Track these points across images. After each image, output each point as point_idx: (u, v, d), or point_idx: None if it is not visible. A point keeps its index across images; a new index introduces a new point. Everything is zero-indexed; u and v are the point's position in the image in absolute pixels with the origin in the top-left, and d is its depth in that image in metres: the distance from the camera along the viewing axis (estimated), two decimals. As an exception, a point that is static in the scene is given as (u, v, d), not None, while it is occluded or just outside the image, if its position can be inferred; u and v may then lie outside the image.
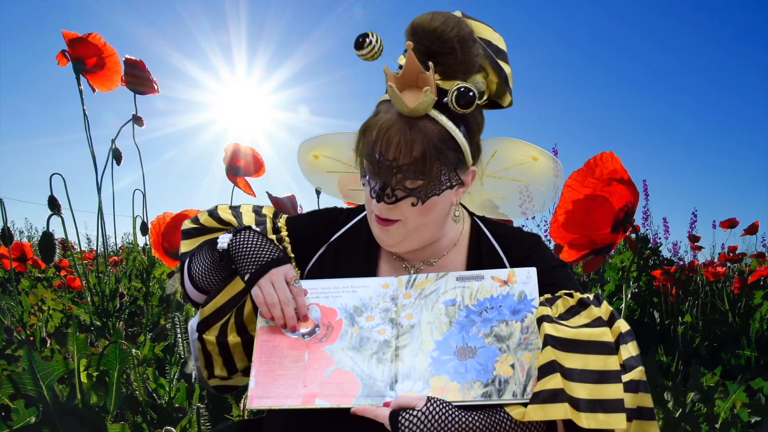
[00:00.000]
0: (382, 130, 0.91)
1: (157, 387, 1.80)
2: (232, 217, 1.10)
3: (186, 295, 1.14)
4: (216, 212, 1.11)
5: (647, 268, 3.44)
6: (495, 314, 0.94)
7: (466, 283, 0.98)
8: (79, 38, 1.98)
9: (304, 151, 1.23)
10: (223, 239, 1.01)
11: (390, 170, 0.92)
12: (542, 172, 1.16)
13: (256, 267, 0.97)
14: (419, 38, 0.92)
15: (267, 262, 0.98)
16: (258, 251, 0.99)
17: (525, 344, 0.90)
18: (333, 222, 1.13)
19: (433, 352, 0.92)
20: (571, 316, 0.93)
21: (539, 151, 1.14)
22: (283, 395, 0.92)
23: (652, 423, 0.84)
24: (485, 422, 0.84)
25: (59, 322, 2.46)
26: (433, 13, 0.94)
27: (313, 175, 1.26)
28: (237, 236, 1.01)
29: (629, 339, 0.89)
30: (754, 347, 3.09)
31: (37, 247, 2.45)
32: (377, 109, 0.97)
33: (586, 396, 0.81)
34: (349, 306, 0.99)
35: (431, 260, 1.07)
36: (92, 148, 2.10)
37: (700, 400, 1.77)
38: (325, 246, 1.10)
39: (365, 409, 0.88)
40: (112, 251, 5.54)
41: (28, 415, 1.31)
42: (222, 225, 1.11)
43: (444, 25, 0.92)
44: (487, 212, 1.23)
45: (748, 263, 5.58)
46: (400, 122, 0.91)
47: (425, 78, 0.91)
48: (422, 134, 0.91)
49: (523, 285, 0.96)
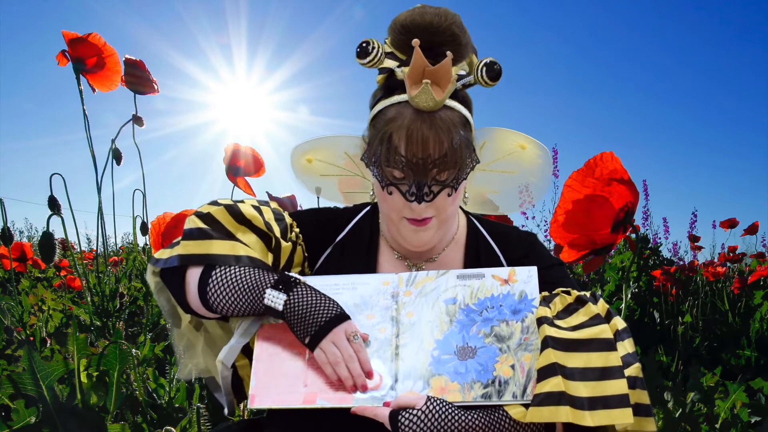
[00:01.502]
0: (411, 131, 0.92)
1: (157, 387, 1.80)
2: (258, 215, 1.02)
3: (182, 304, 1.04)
4: (237, 208, 1.02)
5: (647, 268, 3.44)
6: (495, 314, 0.94)
7: (467, 281, 0.98)
8: (79, 38, 1.98)
9: (297, 155, 1.22)
10: (276, 299, 0.93)
11: (425, 168, 0.93)
12: (532, 161, 1.16)
13: (316, 329, 0.91)
14: (417, 35, 0.92)
15: (326, 323, 0.91)
16: (315, 311, 0.92)
17: (525, 345, 0.90)
18: (336, 221, 1.13)
19: (434, 351, 0.92)
20: (569, 314, 0.93)
21: (526, 139, 1.14)
22: (284, 394, 0.91)
23: (649, 419, 0.84)
24: (485, 421, 0.84)
25: (59, 322, 2.46)
26: (417, 9, 0.96)
27: (307, 178, 1.26)
28: (291, 296, 0.93)
29: (626, 336, 0.90)
30: (754, 347, 3.09)
31: (37, 247, 2.45)
32: (386, 115, 0.95)
33: (589, 394, 0.81)
34: (349, 303, 0.98)
35: (433, 257, 1.08)
36: (92, 148, 2.11)
37: (700, 400, 1.77)
38: (331, 246, 1.10)
39: (365, 409, 0.88)
40: (112, 251, 5.54)
41: (28, 415, 1.31)
42: (240, 224, 1.02)
43: (437, 17, 0.93)
44: (482, 209, 1.23)
45: (748, 263, 5.58)
46: (423, 118, 0.92)
47: (433, 71, 0.91)
48: (448, 124, 0.92)
49: (524, 284, 0.96)
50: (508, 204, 1.24)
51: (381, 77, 1.01)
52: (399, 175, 0.95)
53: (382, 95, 0.99)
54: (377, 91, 1.02)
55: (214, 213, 1.02)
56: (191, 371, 1.11)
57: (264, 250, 1.03)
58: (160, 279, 1.07)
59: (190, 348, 1.11)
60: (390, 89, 0.98)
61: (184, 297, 1.02)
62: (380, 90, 1.01)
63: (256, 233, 1.02)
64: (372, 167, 0.98)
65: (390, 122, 0.94)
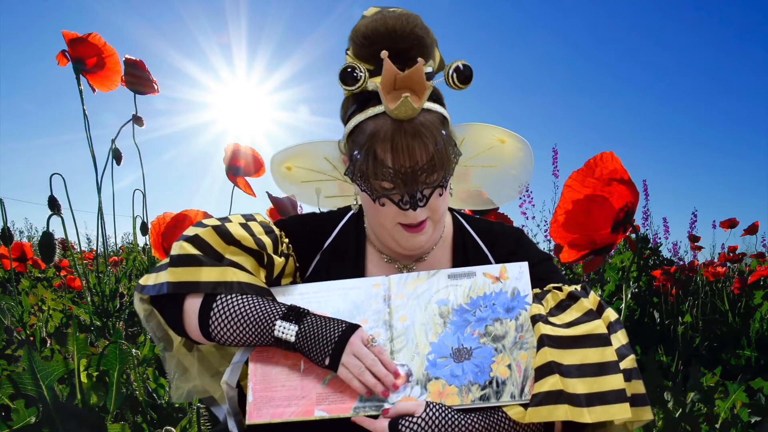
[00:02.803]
0: (395, 144, 0.90)
1: (157, 387, 1.80)
2: (247, 234, 1.00)
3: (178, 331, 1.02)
4: (226, 228, 0.99)
5: (647, 268, 3.43)
6: (489, 312, 0.93)
7: (458, 281, 0.97)
8: (79, 38, 1.98)
9: (277, 164, 1.21)
10: (287, 330, 0.91)
11: (415, 175, 0.92)
12: (512, 154, 1.16)
13: (332, 347, 0.89)
14: (382, 44, 0.91)
15: (340, 337, 0.90)
16: (326, 331, 0.91)
17: (520, 343, 0.90)
18: (322, 227, 1.12)
19: (429, 354, 0.91)
20: (562, 311, 0.93)
21: (506, 132, 1.14)
22: (281, 408, 0.91)
23: (645, 408, 0.85)
24: (484, 424, 0.84)
25: (59, 322, 2.45)
26: (376, 17, 0.94)
27: (287, 185, 1.25)
28: (302, 326, 0.91)
29: (618, 327, 0.90)
30: (754, 347, 3.09)
31: (37, 247, 2.44)
32: (365, 129, 0.94)
33: (586, 391, 0.82)
34: (341, 309, 0.97)
35: (422, 257, 1.08)
36: (92, 148, 2.10)
37: (700, 400, 1.77)
38: (319, 254, 1.09)
39: (363, 421, 0.88)
40: (112, 251, 5.54)
41: (28, 415, 1.31)
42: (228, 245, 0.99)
43: (399, 22, 0.92)
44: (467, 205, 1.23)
45: (748, 263, 5.58)
46: (404, 128, 0.91)
47: (405, 78, 0.90)
48: (430, 128, 0.92)
49: (516, 281, 0.95)
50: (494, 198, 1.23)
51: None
52: (389, 185, 0.94)
53: (356, 108, 0.97)
54: (347, 103, 1.00)
55: (202, 235, 0.98)
56: (184, 394, 1.08)
57: (256, 267, 1.00)
58: (149, 305, 1.04)
59: (185, 372, 1.09)
60: (363, 101, 0.96)
61: (181, 326, 0.99)
62: (351, 102, 0.99)
63: (246, 252, 1.00)
64: (359, 182, 0.97)
65: (372, 137, 0.92)
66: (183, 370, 1.09)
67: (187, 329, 0.99)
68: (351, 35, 0.96)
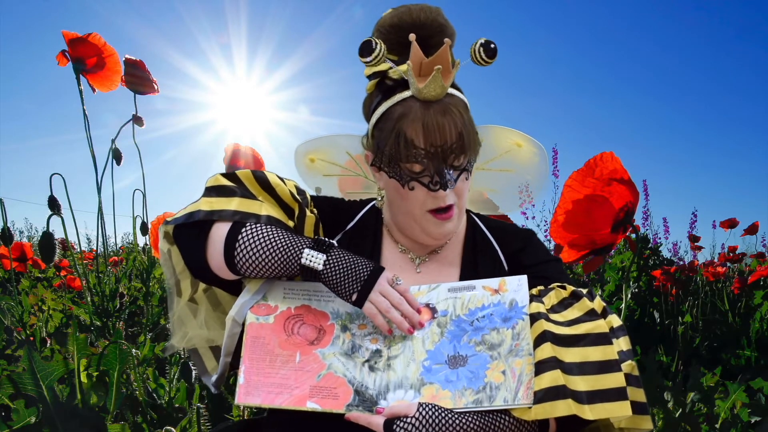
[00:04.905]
0: (426, 122, 0.94)
1: (157, 387, 1.80)
2: (283, 185, 1.02)
3: (197, 266, 1.01)
4: (263, 174, 1.02)
5: (647, 268, 3.44)
6: (486, 322, 0.94)
7: (458, 293, 0.98)
8: (79, 38, 1.98)
9: (301, 155, 1.24)
10: (315, 258, 0.93)
11: (444, 155, 0.95)
12: (528, 159, 1.18)
13: (361, 283, 0.92)
14: (409, 32, 0.95)
15: (370, 275, 0.92)
16: (356, 267, 0.93)
17: (516, 350, 0.90)
18: (347, 211, 1.14)
19: (425, 361, 0.92)
20: (564, 308, 0.94)
21: (522, 136, 1.16)
22: (273, 394, 0.91)
23: (645, 417, 0.84)
24: (479, 422, 0.84)
25: (59, 322, 2.46)
26: (401, 9, 0.99)
27: (310, 178, 1.27)
28: (330, 256, 0.93)
29: (621, 334, 0.90)
30: (754, 347, 3.09)
31: (37, 247, 2.44)
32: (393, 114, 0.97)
33: (587, 388, 0.82)
34: (341, 312, 0.98)
35: (435, 249, 1.09)
36: (92, 148, 2.10)
37: (700, 400, 1.77)
38: (341, 234, 1.11)
39: (359, 416, 0.88)
40: (112, 251, 5.54)
41: (28, 415, 1.31)
42: (264, 190, 1.02)
43: (423, 12, 0.98)
44: (482, 208, 1.24)
45: (748, 263, 5.58)
46: (433, 107, 0.95)
47: (431, 62, 0.94)
48: (458, 107, 0.96)
49: (514, 293, 0.96)
50: (507, 203, 1.25)
51: (371, 84, 1.02)
52: (418, 168, 0.97)
53: (381, 98, 1.00)
54: (371, 98, 1.03)
55: (239, 174, 1.02)
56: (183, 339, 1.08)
57: (286, 219, 1.02)
58: (171, 244, 1.04)
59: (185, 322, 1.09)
60: (388, 91, 0.99)
61: (203, 256, 0.98)
62: (376, 94, 1.02)
63: (278, 202, 1.03)
64: (387, 168, 0.99)
65: (400, 119, 0.95)
66: (182, 320, 1.09)
67: (210, 260, 0.98)
68: (376, 27, 1.01)
